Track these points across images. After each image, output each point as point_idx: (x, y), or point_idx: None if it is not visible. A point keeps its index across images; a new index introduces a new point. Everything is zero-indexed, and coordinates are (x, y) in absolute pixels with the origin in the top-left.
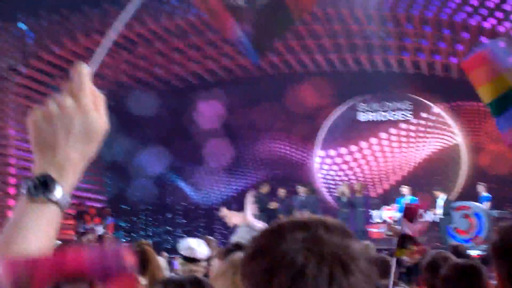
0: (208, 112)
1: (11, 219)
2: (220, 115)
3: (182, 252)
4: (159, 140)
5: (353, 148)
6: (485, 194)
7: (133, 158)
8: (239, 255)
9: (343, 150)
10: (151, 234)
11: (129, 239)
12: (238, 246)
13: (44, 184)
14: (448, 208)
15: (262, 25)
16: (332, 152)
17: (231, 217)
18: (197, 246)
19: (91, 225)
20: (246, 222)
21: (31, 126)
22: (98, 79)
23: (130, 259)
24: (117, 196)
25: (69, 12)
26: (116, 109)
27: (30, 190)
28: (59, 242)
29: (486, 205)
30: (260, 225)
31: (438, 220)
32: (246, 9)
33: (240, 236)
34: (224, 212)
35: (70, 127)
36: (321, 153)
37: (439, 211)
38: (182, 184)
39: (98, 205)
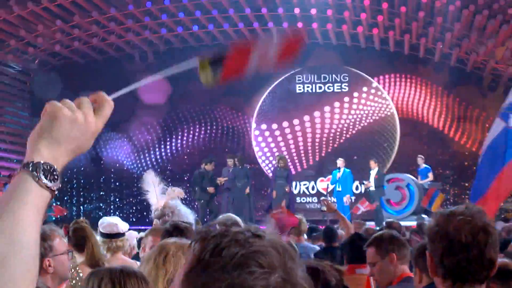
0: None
1: (9, 191)
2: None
3: (103, 230)
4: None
5: (290, 119)
6: (424, 165)
7: None
8: (171, 240)
9: (279, 121)
10: (82, 210)
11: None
12: (177, 229)
13: (50, 172)
14: (381, 180)
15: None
16: (268, 124)
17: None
18: (117, 222)
19: None
20: (161, 205)
21: (56, 116)
22: (31, 47)
23: None
24: None
25: None
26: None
27: (39, 172)
28: None
29: (430, 176)
30: (180, 208)
31: (371, 192)
32: None
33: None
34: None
35: (80, 138)
36: (259, 125)
37: (372, 183)
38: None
39: None
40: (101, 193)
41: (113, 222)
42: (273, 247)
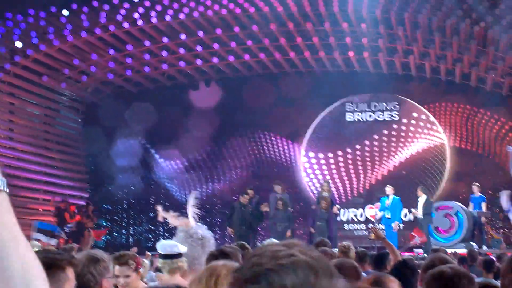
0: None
1: None
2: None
3: (163, 251)
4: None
5: (340, 147)
6: (480, 194)
7: (115, 153)
8: (220, 263)
9: (329, 149)
10: (132, 232)
11: (109, 237)
12: (222, 253)
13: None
14: (429, 208)
15: None
16: (317, 152)
17: (169, 218)
18: (175, 243)
19: (72, 224)
20: (189, 226)
21: None
22: (84, 76)
23: None
24: (98, 194)
25: (57, 9)
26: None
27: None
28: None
29: (483, 207)
30: (202, 230)
31: (419, 220)
32: None
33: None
34: (160, 211)
35: None
36: (308, 153)
37: (420, 210)
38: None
39: (80, 202)
40: (151, 214)
41: (172, 243)
42: (293, 267)
